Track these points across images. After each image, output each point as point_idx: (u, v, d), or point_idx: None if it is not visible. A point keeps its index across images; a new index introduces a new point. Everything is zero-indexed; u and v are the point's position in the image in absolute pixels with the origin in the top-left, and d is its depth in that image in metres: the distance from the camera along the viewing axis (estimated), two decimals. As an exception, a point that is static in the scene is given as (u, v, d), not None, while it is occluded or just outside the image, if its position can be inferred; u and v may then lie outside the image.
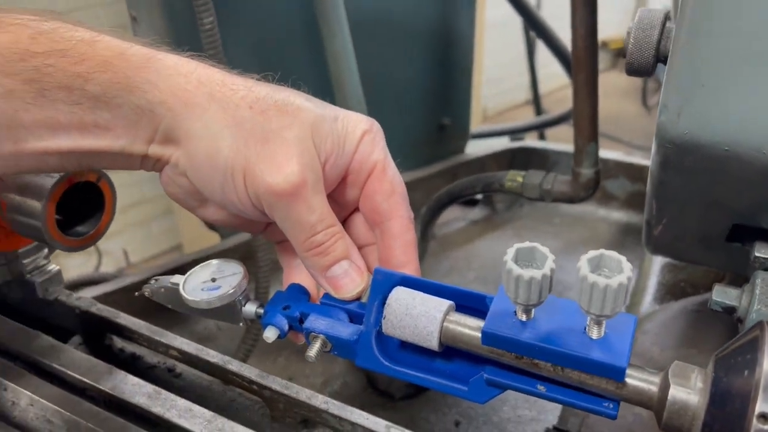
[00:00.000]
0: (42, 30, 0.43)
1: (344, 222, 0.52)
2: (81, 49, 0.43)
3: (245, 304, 0.48)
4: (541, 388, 0.38)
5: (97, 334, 0.74)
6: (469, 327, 0.41)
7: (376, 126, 0.49)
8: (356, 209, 0.51)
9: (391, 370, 0.43)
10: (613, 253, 0.34)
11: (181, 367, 0.72)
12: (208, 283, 0.48)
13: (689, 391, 0.35)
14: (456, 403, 1.13)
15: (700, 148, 0.46)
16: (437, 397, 1.15)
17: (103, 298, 1.18)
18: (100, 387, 0.61)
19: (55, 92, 0.42)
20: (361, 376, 1.21)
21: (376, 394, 1.19)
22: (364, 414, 0.58)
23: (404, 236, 0.48)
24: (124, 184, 1.47)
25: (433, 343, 0.42)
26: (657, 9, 0.48)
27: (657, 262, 1.21)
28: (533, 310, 0.37)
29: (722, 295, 0.52)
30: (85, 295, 1.18)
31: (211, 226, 1.33)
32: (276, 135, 0.44)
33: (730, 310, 0.52)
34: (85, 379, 0.63)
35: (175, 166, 0.46)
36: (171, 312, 0.55)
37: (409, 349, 0.45)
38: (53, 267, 0.65)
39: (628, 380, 0.36)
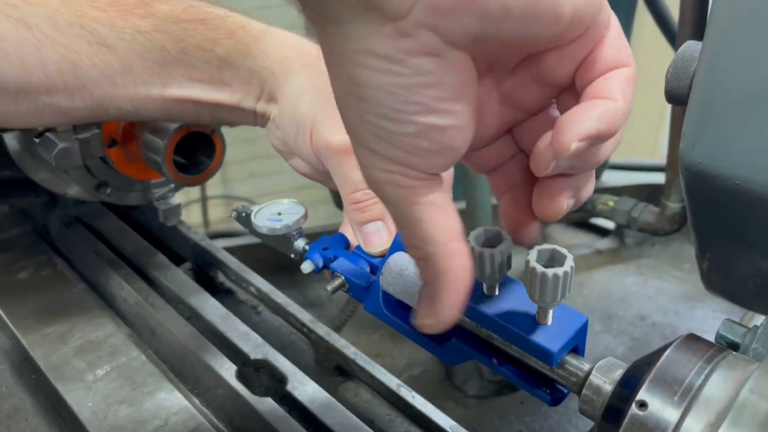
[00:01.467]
0: (191, 4, 0.58)
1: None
2: (215, 20, 0.57)
3: (297, 239, 0.57)
4: (494, 360, 0.44)
5: (205, 265, 0.88)
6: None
7: None
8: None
9: (386, 318, 0.50)
10: (563, 249, 0.38)
11: (262, 307, 0.84)
12: (275, 216, 0.58)
13: (605, 380, 0.39)
14: (524, 414, 1.15)
15: (713, 179, 0.48)
16: (507, 405, 1.18)
17: (238, 249, 1.35)
18: (186, 300, 0.75)
19: (194, 51, 0.56)
20: (441, 368, 1.27)
21: (452, 387, 1.24)
22: (383, 369, 0.66)
23: None
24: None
25: (416, 303, 0.48)
26: (700, 43, 0.50)
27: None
28: (496, 287, 0.42)
29: (728, 330, 0.52)
30: (227, 243, 1.36)
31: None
32: None
33: (733, 346, 0.52)
34: (178, 293, 0.77)
35: (274, 120, 0.58)
36: (290, 276, 0.65)
37: (406, 308, 0.51)
38: (175, 200, 0.80)
39: (562, 365, 0.40)
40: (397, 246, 0.51)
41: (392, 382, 0.64)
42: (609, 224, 1.72)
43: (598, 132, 0.32)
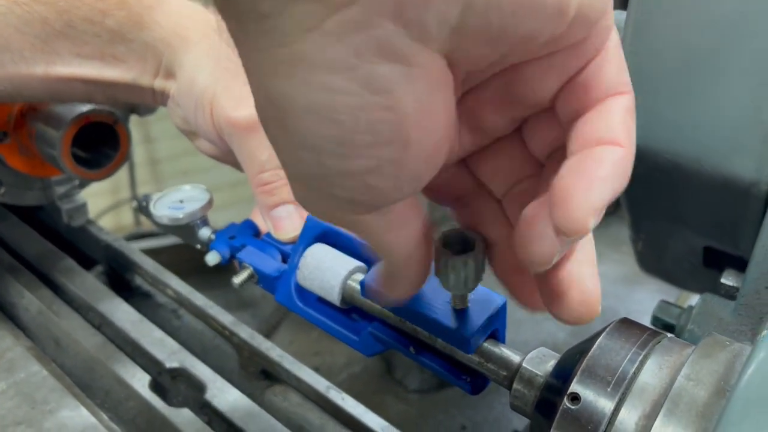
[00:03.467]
0: None
1: None
2: None
3: (201, 228, 0.53)
4: (412, 350, 0.40)
5: (119, 268, 0.82)
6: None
7: None
8: None
9: (300, 309, 0.46)
10: (473, 233, 0.34)
11: (183, 311, 0.79)
12: (176, 204, 0.53)
13: (536, 372, 0.36)
14: (467, 406, 1.13)
15: (646, 155, 0.46)
16: (450, 398, 1.16)
17: (162, 250, 1.28)
18: (96, 307, 0.69)
19: (81, 24, 0.50)
20: (381, 364, 1.24)
21: (393, 382, 1.21)
22: (311, 371, 0.62)
23: None
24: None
25: (335, 297, 0.44)
26: (622, 11, 0.47)
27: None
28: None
29: (664, 312, 0.51)
30: (151, 244, 1.29)
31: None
32: None
33: (669, 328, 0.50)
34: (87, 300, 0.70)
35: (173, 97, 0.53)
36: (223, 275, 0.60)
37: (323, 302, 0.47)
38: (80, 198, 0.74)
39: (490, 358, 0.37)
40: (310, 230, 0.47)
41: (320, 384, 0.60)
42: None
43: (614, 194, 0.25)
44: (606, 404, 0.31)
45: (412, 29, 0.21)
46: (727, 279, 0.52)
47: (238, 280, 0.48)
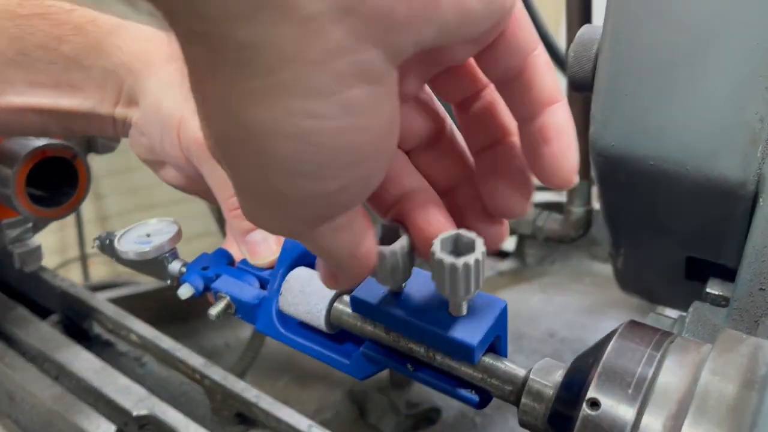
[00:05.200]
0: None
1: None
2: (59, 14, 0.49)
3: (171, 262, 0.49)
4: (410, 367, 0.38)
5: (76, 316, 0.77)
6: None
7: None
8: None
9: (284, 337, 0.43)
10: (470, 233, 0.33)
11: (147, 358, 0.74)
12: (143, 238, 0.50)
13: (545, 383, 0.34)
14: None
15: (628, 162, 0.45)
16: (426, 440, 1.12)
17: (121, 300, 1.23)
18: (53, 357, 0.64)
19: (34, 51, 0.48)
20: (353, 408, 1.20)
21: (367, 427, 1.17)
22: (291, 411, 0.58)
23: None
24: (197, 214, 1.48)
25: (321, 322, 0.42)
26: (598, 25, 0.48)
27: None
28: (404, 285, 0.37)
29: (657, 323, 0.50)
30: (108, 296, 1.23)
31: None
32: None
33: (663, 339, 0.49)
34: (43, 350, 0.66)
35: (136, 125, 0.50)
36: (182, 326, 0.57)
37: (307, 328, 0.45)
38: (34, 242, 0.69)
39: (493, 374, 0.35)
40: (288, 253, 0.44)
41: (302, 423, 0.57)
42: (509, 246, 1.73)
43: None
44: (628, 408, 0.29)
45: (390, 51, 0.22)
46: (713, 288, 0.52)
47: (214, 311, 0.45)
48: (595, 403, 0.30)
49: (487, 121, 0.32)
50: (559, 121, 0.28)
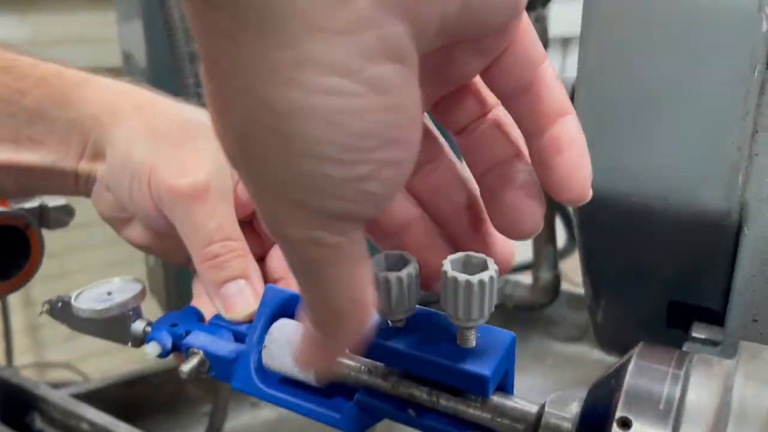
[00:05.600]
0: None
1: (266, 256, 0.50)
2: (23, 68, 0.47)
3: (135, 321, 0.46)
4: (411, 412, 0.35)
5: (15, 408, 0.70)
6: (350, 357, 0.38)
7: None
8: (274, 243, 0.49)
9: (265, 394, 0.40)
10: (480, 255, 0.32)
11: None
12: (104, 296, 0.46)
13: (564, 416, 0.32)
14: None
15: (610, 201, 0.45)
16: None
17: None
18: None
19: None
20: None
21: None
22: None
23: None
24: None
25: (311, 374, 0.39)
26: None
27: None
28: (405, 320, 0.35)
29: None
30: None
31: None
32: (191, 143, 0.45)
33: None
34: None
35: (101, 180, 0.47)
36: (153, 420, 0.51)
37: (290, 383, 0.41)
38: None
39: (500, 413, 0.33)
40: (268, 305, 0.42)
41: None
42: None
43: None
44: (662, 428, 0.27)
45: (415, 26, 0.21)
46: (699, 332, 0.51)
47: (186, 367, 0.41)
48: (626, 423, 0.27)
49: (494, 141, 0.31)
50: (571, 131, 0.28)
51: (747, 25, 0.38)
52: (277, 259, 0.50)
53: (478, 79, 0.30)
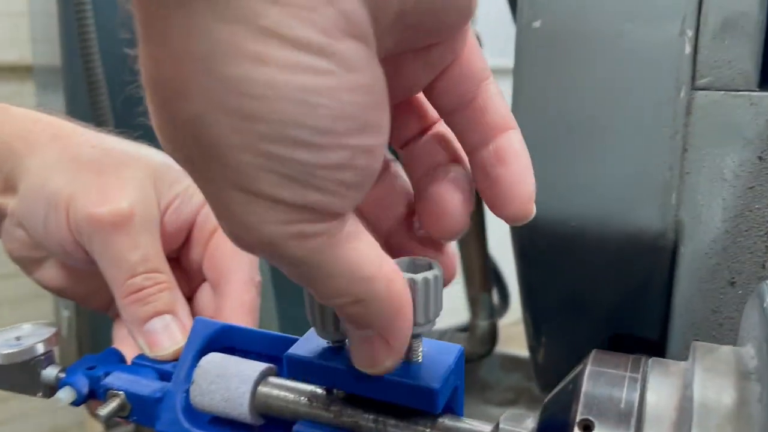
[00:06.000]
0: None
1: (193, 294, 0.47)
2: None
3: (46, 367, 0.41)
4: (355, 441, 0.32)
5: None
6: (288, 389, 0.36)
7: None
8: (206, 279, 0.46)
9: (194, 437, 0.36)
10: (424, 258, 0.31)
11: None
12: (12, 341, 0.42)
13: (520, 431, 0.30)
14: None
15: (549, 227, 0.45)
16: None
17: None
18: None
19: None
20: None
21: None
22: None
23: (241, 297, 0.43)
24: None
25: (245, 409, 0.35)
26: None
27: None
28: (347, 340, 0.33)
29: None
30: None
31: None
32: (113, 170, 0.42)
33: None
34: None
35: (12, 215, 0.44)
36: None
37: (222, 423, 0.38)
38: None
39: (450, 425, 0.31)
40: (197, 338, 0.39)
41: None
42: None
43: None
44: (625, 430, 0.26)
45: (373, 7, 0.20)
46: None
47: (104, 411, 0.37)
48: (588, 427, 0.26)
49: (434, 151, 0.31)
50: (515, 144, 0.28)
51: (671, 48, 0.39)
52: (206, 297, 0.46)
53: (420, 95, 0.30)
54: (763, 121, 0.38)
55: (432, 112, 0.30)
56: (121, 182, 0.42)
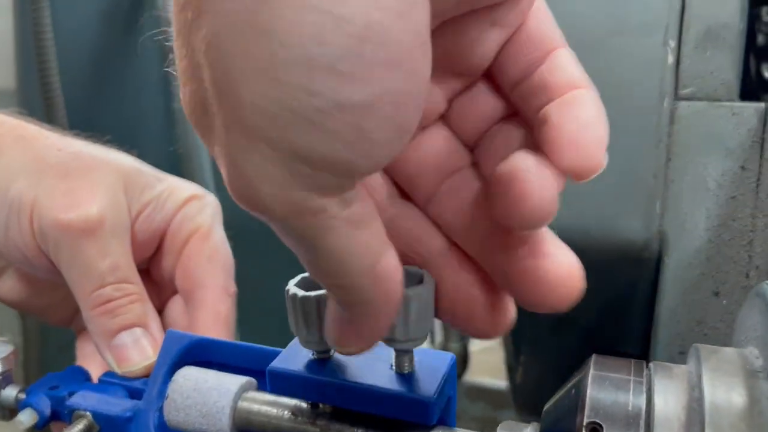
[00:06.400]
0: None
1: (164, 307, 0.44)
2: None
3: (5, 388, 0.38)
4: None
5: None
6: (270, 403, 0.33)
7: (211, 197, 0.44)
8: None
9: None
10: (416, 268, 0.29)
11: None
12: None
13: (520, 441, 0.29)
14: None
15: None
16: None
17: None
18: None
19: None
20: None
21: None
22: None
23: (214, 307, 0.40)
24: None
25: (225, 425, 0.33)
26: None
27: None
28: (332, 350, 0.31)
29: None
30: None
31: None
32: (81, 173, 0.40)
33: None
34: None
35: None
36: None
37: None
38: None
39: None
40: (169, 351, 0.37)
41: None
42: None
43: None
44: (634, 433, 0.25)
45: None
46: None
47: (70, 434, 0.34)
48: (596, 430, 0.25)
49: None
50: (586, 99, 0.24)
51: (654, 58, 0.40)
52: (177, 310, 0.44)
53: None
54: (745, 131, 0.39)
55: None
56: (89, 186, 0.40)
